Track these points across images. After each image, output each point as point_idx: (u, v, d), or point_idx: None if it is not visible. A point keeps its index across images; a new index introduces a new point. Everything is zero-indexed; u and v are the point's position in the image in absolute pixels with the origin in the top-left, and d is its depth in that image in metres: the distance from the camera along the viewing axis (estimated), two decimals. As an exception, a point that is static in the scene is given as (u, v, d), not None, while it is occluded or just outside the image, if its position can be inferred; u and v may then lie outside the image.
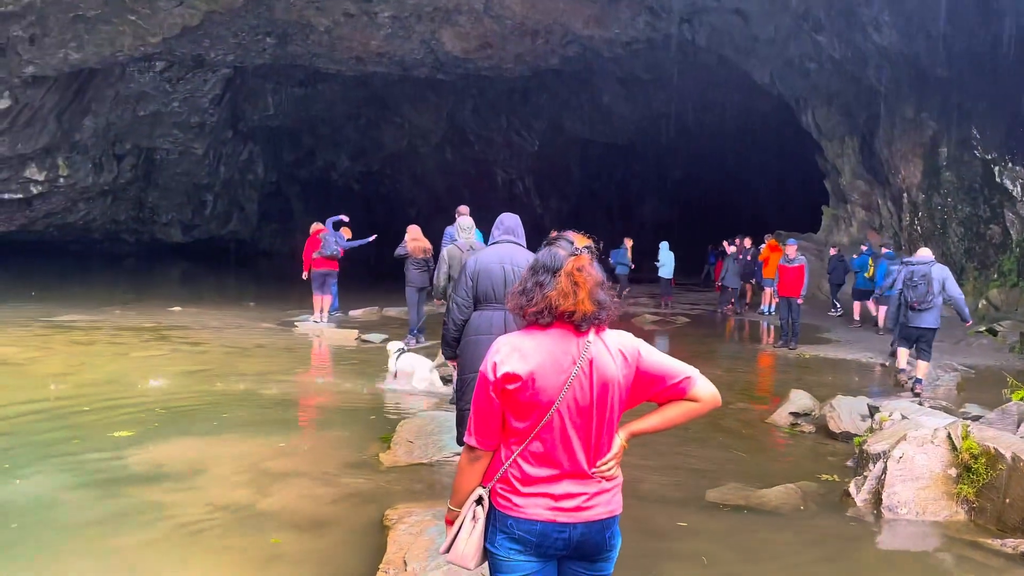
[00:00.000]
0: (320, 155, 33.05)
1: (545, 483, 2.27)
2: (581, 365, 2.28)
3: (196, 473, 5.19)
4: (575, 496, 2.28)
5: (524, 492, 2.27)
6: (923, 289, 8.70)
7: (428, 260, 11.04)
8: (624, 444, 2.41)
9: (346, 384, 8.43)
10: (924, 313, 8.78)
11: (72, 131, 22.18)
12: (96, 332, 10.98)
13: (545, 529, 2.26)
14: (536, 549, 2.27)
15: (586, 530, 2.29)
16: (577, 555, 2.32)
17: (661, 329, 15.47)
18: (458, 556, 2.31)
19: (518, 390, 2.23)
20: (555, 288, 2.31)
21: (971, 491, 4.91)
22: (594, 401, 2.29)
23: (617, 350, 2.38)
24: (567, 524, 2.27)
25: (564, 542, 2.28)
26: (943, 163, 18.55)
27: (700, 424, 7.30)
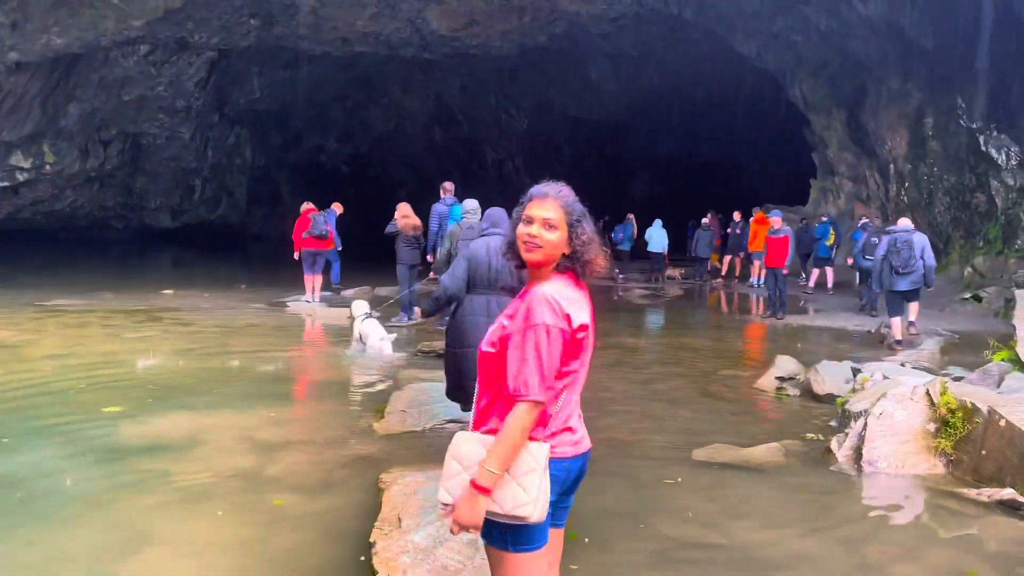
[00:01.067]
0: (308, 138, 32.95)
1: (569, 419, 2.34)
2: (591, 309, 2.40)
3: (195, 444, 5.29)
4: (579, 428, 2.39)
5: (555, 433, 2.30)
6: (907, 255, 9.43)
7: (419, 237, 11.11)
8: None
9: (338, 360, 8.52)
10: (907, 276, 9.49)
11: (57, 117, 22.05)
12: (88, 315, 11.03)
13: (570, 465, 2.33)
14: (561, 485, 2.31)
15: (584, 461, 2.40)
16: (573, 487, 2.40)
17: (652, 303, 15.60)
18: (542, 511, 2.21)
19: (583, 337, 2.30)
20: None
21: (949, 444, 5.05)
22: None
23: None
24: (579, 456, 2.36)
25: (577, 473, 2.37)
26: (929, 133, 18.66)
27: (688, 389, 7.45)
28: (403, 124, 33.03)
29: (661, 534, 4.04)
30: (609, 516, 4.24)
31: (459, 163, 32.10)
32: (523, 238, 2.33)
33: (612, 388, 7.41)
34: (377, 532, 3.77)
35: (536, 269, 2.36)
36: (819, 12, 19.16)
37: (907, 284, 9.60)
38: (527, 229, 2.33)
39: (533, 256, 2.33)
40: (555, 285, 2.31)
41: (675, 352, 9.57)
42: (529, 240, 2.32)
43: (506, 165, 34.29)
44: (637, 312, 14.36)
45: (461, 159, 32.72)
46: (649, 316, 13.96)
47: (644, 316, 13.93)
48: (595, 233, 2.40)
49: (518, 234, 2.35)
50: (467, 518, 2.19)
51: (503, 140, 33.45)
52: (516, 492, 2.18)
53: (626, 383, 7.70)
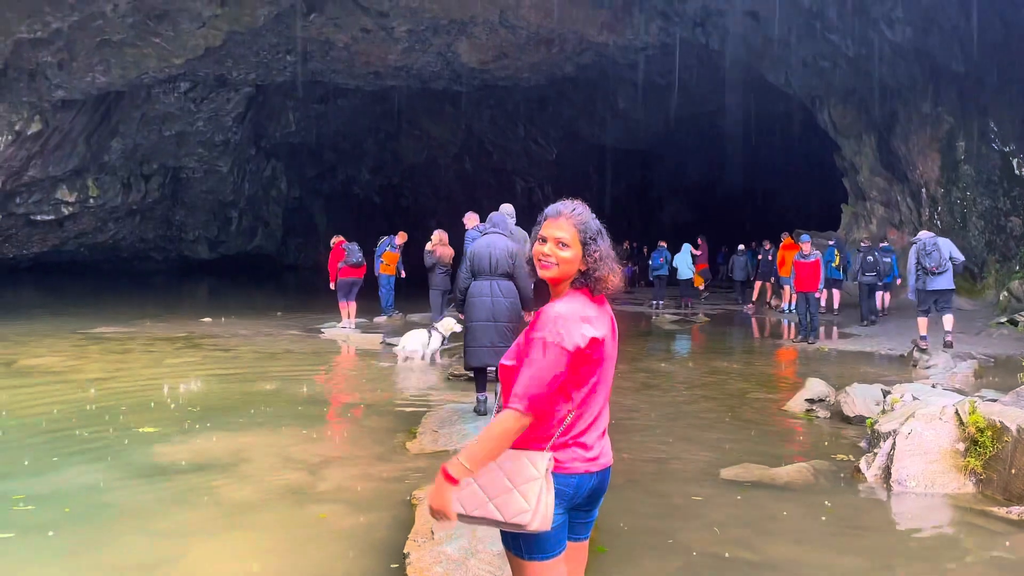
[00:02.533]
0: (341, 169, 33.58)
1: (582, 436, 2.35)
2: (612, 323, 2.46)
3: (235, 462, 5.47)
4: (596, 446, 2.39)
5: (563, 444, 2.32)
6: (937, 256, 10.43)
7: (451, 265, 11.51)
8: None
9: (372, 384, 8.70)
10: (940, 276, 10.46)
11: (101, 153, 22.81)
12: (130, 342, 11.36)
13: (580, 481, 2.35)
14: (569, 501, 2.34)
15: (602, 478, 2.42)
16: (585, 503, 2.41)
17: (682, 328, 15.61)
18: (544, 521, 2.23)
19: (596, 353, 2.32)
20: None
21: (978, 463, 5.05)
22: (614, 355, 2.47)
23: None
24: (594, 473, 2.37)
25: (590, 490, 2.39)
26: (961, 157, 18.55)
27: (717, 411, 7.49)
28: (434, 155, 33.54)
29: (688, 550, 4.10)
30: (637, 532, 4.31)
31: (489, 192, 32.42)
32: (538, 256, 2.41)
33: (640, 410, 7.47)
34: (411, 544, 3.89)
35: (553, 285, 2.43)
36: (846, 38, 19.25)
37: (943, 283, 10.49)
38: (541, 248, 2.41)
39: (548, 273, 2.40)
40: (569, 303, 2.36)
41: (705, 376, 9.60)
42: (543, 258, 2.40)
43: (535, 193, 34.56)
44: (667, 337, 14.39)
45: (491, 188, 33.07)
46: (679, 341, 13.98)
47: (674, 341, 13.96)
48: (610, 250, 2.46)
49: (533, 252, 2.43)
50: (435, 503, 2.24)
51: (532, 169, 33.79)
52: (517, 500, 2.21)
53: (655, 405, 7.76)
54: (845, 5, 18.45)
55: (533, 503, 2.21)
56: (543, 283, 2.48)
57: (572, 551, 2.45)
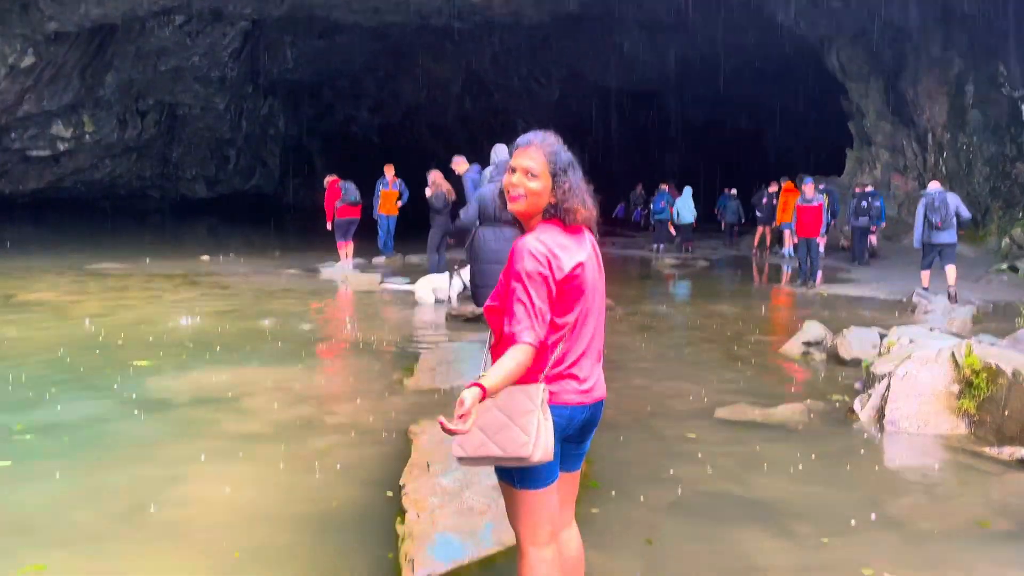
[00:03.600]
0: (340, 109, 33.12)
1: (573, 367, 2.33)
2: (594, 253, 2.43)
3: (236, 396, 5.50)
4: (590, 378, 2.37)
5: (557, 376, 2.31)
6: (943, 212, 10.74)
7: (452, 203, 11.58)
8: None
9: (370, 322, 8.71)
10: (944, 231, 10.82)
11: (95, 87, 22.43)
12: (129, 279, 11.36)
13: (573, 412, 2.34)
14: (562, 432, 2.32)
15: (595, 409, 2.41)
16: (577, 435, 2.41)
17: (681, 272, 15.58)
18: (545, 452, 2.20)
19: (576, 280, 2.30)
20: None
21: (972, 405, 5.08)
22: (601, 286, 2.45)
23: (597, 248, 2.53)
24: (587, 405, 2.37)
25: (583, 422, 2.38)
26: (969, 102, 18.28)
27: (714, 353, 7.51)
28: (434, 94, 33.01)
29: (682, 484, 4.15)
30: (629, 468, 4.36)
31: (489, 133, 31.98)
32: (507, 187, 2.35)
33: (637, 350, 7.50)
34: (407, 476, 3.93)
35: (524, 220, 2.38)
36: (858, -23, 18.77)
37: (946, 237, 10.86)
38: (510, 178, 2.34)
39: (516, 206, 2.35)
40: (541, 234, 2.31)
41: (702, 319, 9.61)
42: (512, 189, 2.33)
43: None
44: (666, 281, 14.39)
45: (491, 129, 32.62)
46: (678, 285, 13.98)
47: (673, 285, 13.96)
48: (581, 183, 2.40)
49: (504, 183, 2.38)
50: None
51: (534, 110, 33.28)
52: (516, 434, 2.19)
53: (651, 346, 7.79)
54: (858, -58, 17.95)
55: (533, 435, 2.18)
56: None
57: (563, 482, 2.46)
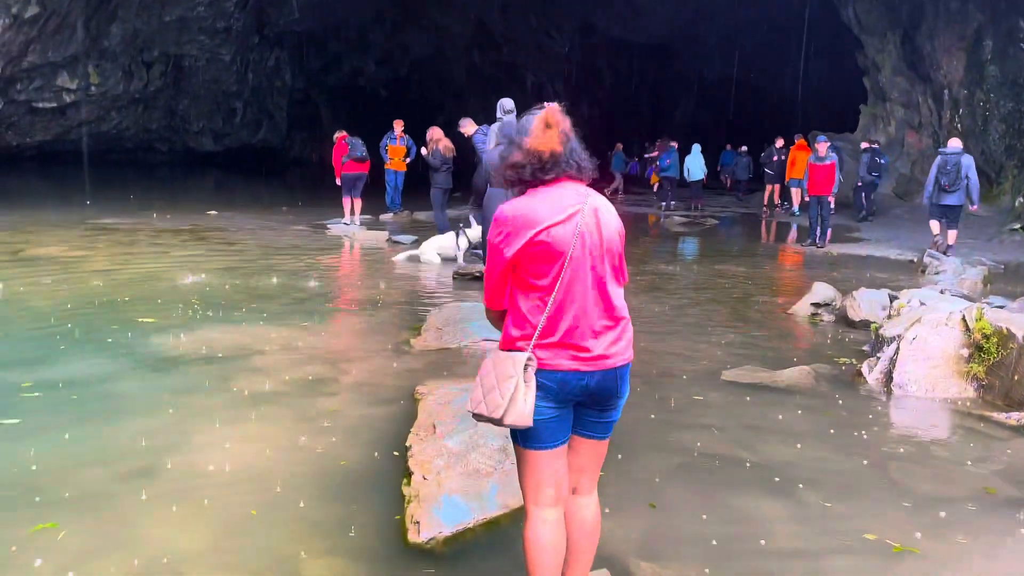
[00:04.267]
0: (347, 61, 32.69)
1: (568, 334, 2.36)
2: (586, 212, 2.37)
3: (244, 355, 5.50)
4: (592, 345, 2.38)
5: (549, 344, 2.35)
6: (954, 175, 10.90)
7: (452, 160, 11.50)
8: None
9: (377, 280, 8.70)
10: (953, 194, 10.99)
11: (100, 38, 22.17)
12: (137, 233, 11.34)
13: (566, 377, 2.37)
14: (556, 395, 2.38)
15: (602, 378, 2.41)
16: (591, 401, 2.45)
17: (690, 231, 15.48)
18: (519, 416, 2.31)
19: (541, 245, 2.31)
20: (530, 135, 2.40)
21: (981, 369, 5.05)
22: (603, 249, 2.40)
23: (612, 208, 2.49)
24: (587, 372, 2.38)
25: (582, 388, 2.40)
26: (987, 57, 17.87)
27: (721, 314, 7.48)
28: (442, 47, 32.53)
29: (687, 448, 4.16)
30: (636, 430, 4.36)
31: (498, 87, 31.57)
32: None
33: (644, 311, 7.47)
34: (413, 437, 3.95)
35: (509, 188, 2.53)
36: (878, -73, 18.23)
37: (953, 199, 11.05)
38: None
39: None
40: (517, 201, 2.41)
41: (711, 279, 9.56)
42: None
43: (546, 89, 33.70)
44: (674, 240, 14.29)
45: (501, 83, 32.18)
46: (687, 244, 13.90)
47: (681, 244, 13.87)
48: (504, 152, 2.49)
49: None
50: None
51: (544, 63, 32.83)
52: (495, 396, 2.32)
53: (659, 306, 7.75)
54: None
55: (506, 399, 2.30)
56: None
57: (585, 447, 2.56)
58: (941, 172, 10.98)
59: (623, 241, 2.47)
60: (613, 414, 2.54)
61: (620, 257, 2.47)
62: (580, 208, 2.37)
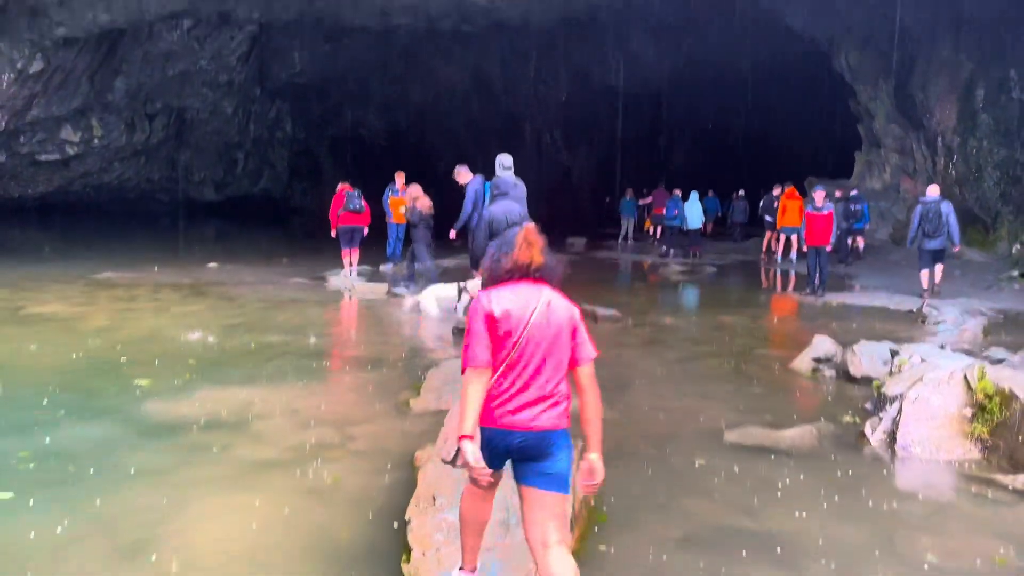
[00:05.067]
0: (347, 111, 33.12)
1: (507, 402, 2.88)
2: (540, 307, 2.92)
3: (243, 420, 5.47)
4: (525, 410, 2.87)
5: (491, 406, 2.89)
6: (936, 222, 11.64)
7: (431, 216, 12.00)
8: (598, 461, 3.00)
9: (376, 335, 8.69)
10: (936, 239, 11.71)
11: (104, 92, 22.49)
12: (137, 289, 11.36)
13: (491, 434, 2.90)
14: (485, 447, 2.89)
15: (524, 438, 2.87)
16: (522, 457, 2.91)
17: (689, 279, 15.51)
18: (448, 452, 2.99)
19: (499, 324, 2.87)
20: (516, 249, 3.01)
21: (985, 430, 5.02)
22: (550, 337, 2.91)
23: (566, 307, 3.01)
24: (511, 432, 2.87)
25: (506, 447, 2.90)
26: (979, 105, 18.13)
27: (723, 368, 7.46)
28: (441, 97, 32.97)
29: (690, 518, 4.11)
30: (638, 498, 4.32)
31: (497, 135, 31.96)
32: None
33: (645, 367, 7.45)
34: (412, 509, 3.90)
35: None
36: (866, -21, 18.64)
37: (937, 244, 11.77)
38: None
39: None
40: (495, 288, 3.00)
41: (711, 331, 9.55)
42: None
43: (544, 137, 34.13)
44: (674, 289, 14.32)
45: (499, 131, 32.58)
46: (685, 293, 13.92)
47: (680, 293, 13.89)
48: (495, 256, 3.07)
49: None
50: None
51: (542, 112, 33.25)
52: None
53: (660, 362, 7.73)
54: (866, -56, 17.82)
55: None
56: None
57: (530, 496, 2.93)
58: (924, 220, 11.72)
59: (573, 327, 2.96)
60: (548, 466, 2.90)
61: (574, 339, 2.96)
62: (536, 302, 2.93)
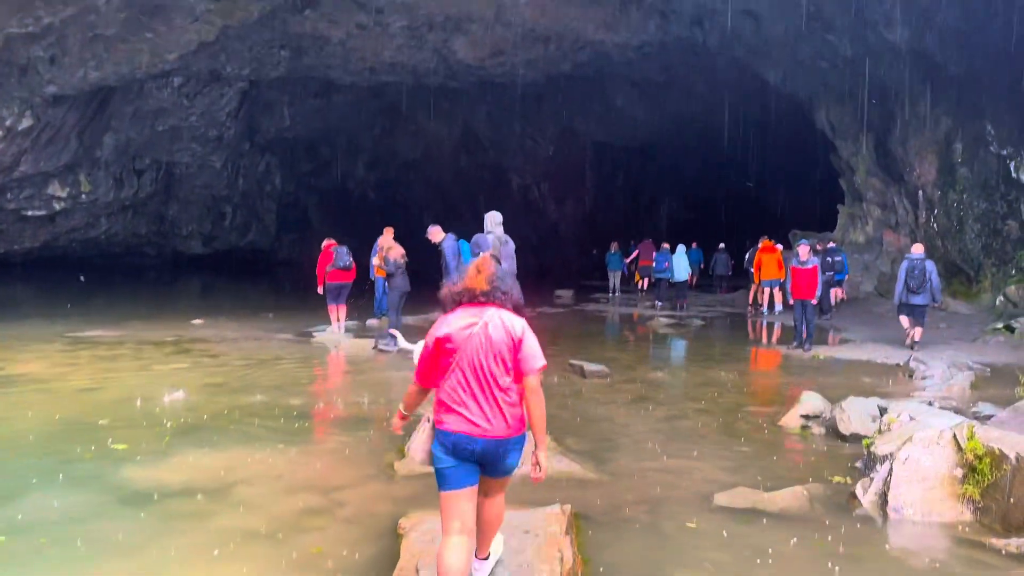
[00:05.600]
0: (336, 165, 33.42)
1: (460, 406, 3.40)
2: (480, 328, 3.45)
3: (223, 486, 5.35)
4: (478, 421, 3.38)
5: (448, 412, 3.43)
6: (920, 278, 12.24)
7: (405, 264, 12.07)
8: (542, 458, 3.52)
9: (361, 394, 8.58)
10: (920, 295, 12.32)
11: (93, 148, 22.61)
12: (120, 347, 11.23)
13: (457, 439, 3.39)
14: (452, 452, 3.40)
15: (485, 444, 3.38)
16: (483, 461, 3.42)
17: (676, 332, 15.50)
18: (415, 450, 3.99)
19: (445, 344, 3.46)
20: (467, 277, 3.58)
21: (976, 491, 4.96)
22: (490, 354, 3.42)
23: (507, 325, 3.47)
24: (474, 437, 3.37)
25: (471, 452, 3.38)
26: (958, 160, 18.47)
27: (711, 427, 7.39)
28: (430, 151, 33.36)
29: (681, 585, 4.01)
30: (628, 565, 4.22)
31: (485, 189, 32.28)
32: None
33: (634, 426, 7.38)
34: (395, 582, 3.79)
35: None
36: (844, 39, 19.13)
37: (920, 300, 12.38)
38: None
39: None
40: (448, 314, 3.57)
41: (699, 387, 9.49)
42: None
43: (531, 191, 34.46)
44: (661, 343, 14.28)
45: (487, 185, 32.91)
46: (672, 347, 13.89)
47: (668, 347, 13.85)
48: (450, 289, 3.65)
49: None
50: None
51: (528, 166, 33.64)
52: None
53: (649, 420, 7.66)
54: (843, 5, 18.32)
55: (416, 443, 3.81)
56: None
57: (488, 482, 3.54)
58: (909, 276, 12.31)
59: (516, 342, 3.44)
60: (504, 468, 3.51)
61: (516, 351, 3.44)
62: (477, 323, 3.46)
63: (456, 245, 10.83)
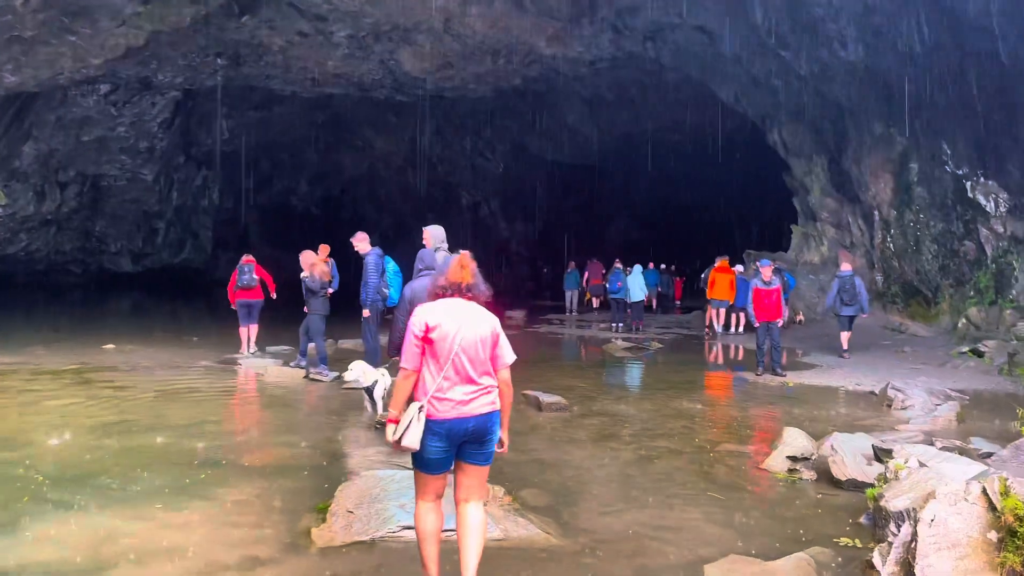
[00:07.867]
0: (278, 180, 32.09)
1: (447, 393, 3.66)
2: (466, 319, 3.73)
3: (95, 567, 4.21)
4: (467, 402, 3.69)
5: (440, 400, 3.67)
6: (851, 292, 13.97)
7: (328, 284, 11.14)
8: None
9: (283, 433, 7.46)
10: (851, 307, 14.00)
11: (11, 158, 21.05)
12: (11, 376, 9.86)
13: (452, 424, 3.66)
14: (446, 437, 3.67)
15: (476, 421, 3.71)
16: (472, 439, 3.73)
17: (635, 356, 14.65)
18: (411, 442, 3.63)
19: (434, 334, 3.66)
20: (451, 271, 3.85)
21: (1018, 560, 4.12)
22: (476, 344, 3.73)
23: (487, 319, 3.81)
24: (468, 418, 3.68)
25: (465, 430, 3.69)
26: (914, 179, 18.16)
27: (687, 472, 6.48)
28: (376, 166, 32.29)
29: None
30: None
31: (434, 206, 31.29)
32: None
33: (599, 472, 6.42)
34: None
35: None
36: (798, 57, 18.73)
37: (851, 311, 14.04)
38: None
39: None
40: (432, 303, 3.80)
41: (667, 420, 8.57)
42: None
43: (482, 208, 33.60)
44: (621, 368, 13.36)
45: (436, 202, 31.92)
46: (633, 373, 13.00)
47: (628, 373, 12.95)
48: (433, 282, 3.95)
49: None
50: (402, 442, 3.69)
51: (478, 183, 32.80)
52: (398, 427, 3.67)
53: (616, 464, 6.70)
54: (797, 22, 17.93)
55: (401, 429, 3.65)
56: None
57: (471, 470, 3.83)
58: (842, 290, 14.02)
59: (495, 336, 3.80)
60: (488, 446, 3.81)
61: (494, 345, 3.80)
62: (465, 316, 3.73)
63: (380, 261, 10.24)
